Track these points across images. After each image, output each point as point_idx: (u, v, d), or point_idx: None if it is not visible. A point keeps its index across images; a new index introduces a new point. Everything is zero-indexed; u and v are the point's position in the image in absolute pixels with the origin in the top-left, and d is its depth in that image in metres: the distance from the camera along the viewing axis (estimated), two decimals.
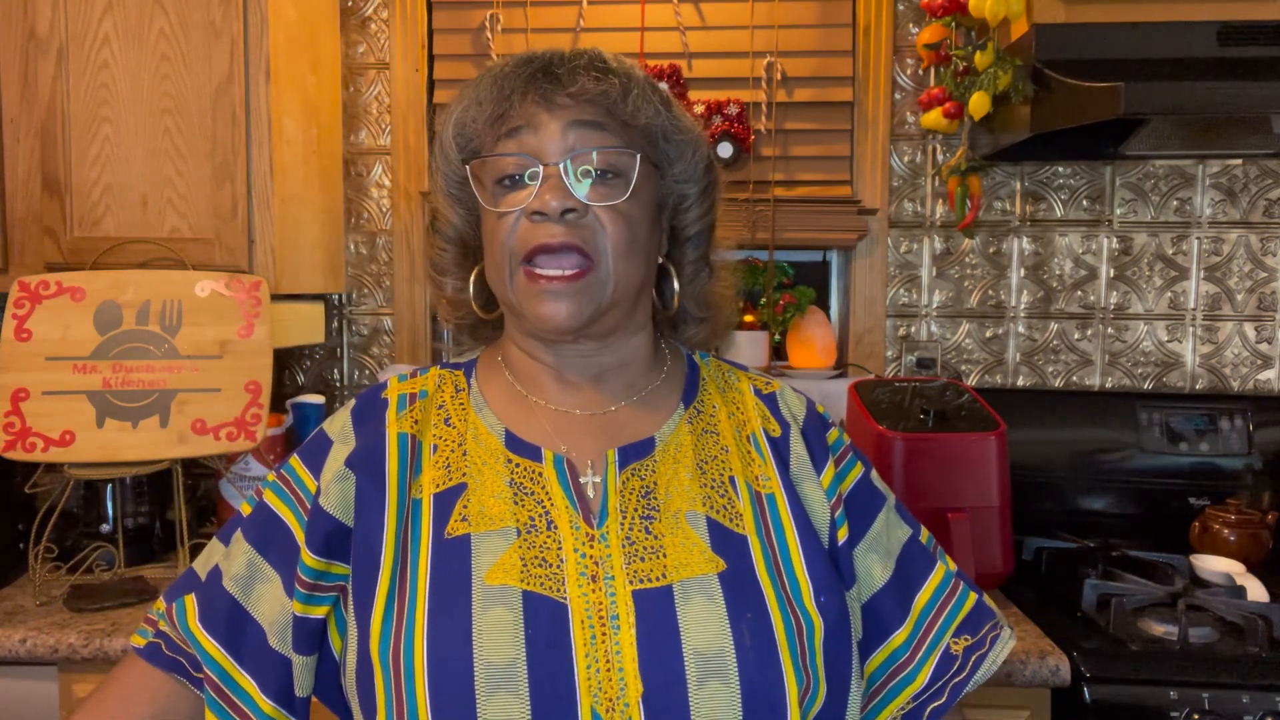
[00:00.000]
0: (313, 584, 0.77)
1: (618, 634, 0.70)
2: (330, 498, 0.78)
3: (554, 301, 0.76)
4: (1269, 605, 1.37)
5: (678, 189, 0.84)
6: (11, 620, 1.39)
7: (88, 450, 1.47)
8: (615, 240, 0.76)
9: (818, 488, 0.82)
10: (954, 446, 1.51)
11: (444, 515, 0.76)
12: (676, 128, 0.82)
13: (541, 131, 0.76)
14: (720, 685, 0.69)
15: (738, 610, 0.71)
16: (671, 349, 0.90)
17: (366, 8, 1.95)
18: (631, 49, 1.91)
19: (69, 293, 1.52)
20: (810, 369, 1.93)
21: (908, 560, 0.84)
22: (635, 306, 0.82)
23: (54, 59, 1.58)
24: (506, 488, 0.77)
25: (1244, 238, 1.91)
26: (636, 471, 0.78)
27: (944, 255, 1.95)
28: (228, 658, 0.79)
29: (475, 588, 0.71)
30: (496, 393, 0.84)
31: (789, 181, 1.93)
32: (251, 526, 0.82)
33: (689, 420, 0.83)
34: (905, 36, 1.91)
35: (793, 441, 0.84)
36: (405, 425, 0.81)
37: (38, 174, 1.61)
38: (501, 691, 0.68)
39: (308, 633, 0.78)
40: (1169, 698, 1.24)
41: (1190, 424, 1.81)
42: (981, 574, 1.48)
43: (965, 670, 0.82)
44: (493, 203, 0.78)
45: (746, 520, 0.77)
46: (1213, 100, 1.39)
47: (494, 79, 0.78)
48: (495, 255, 0.78)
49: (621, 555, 0.74)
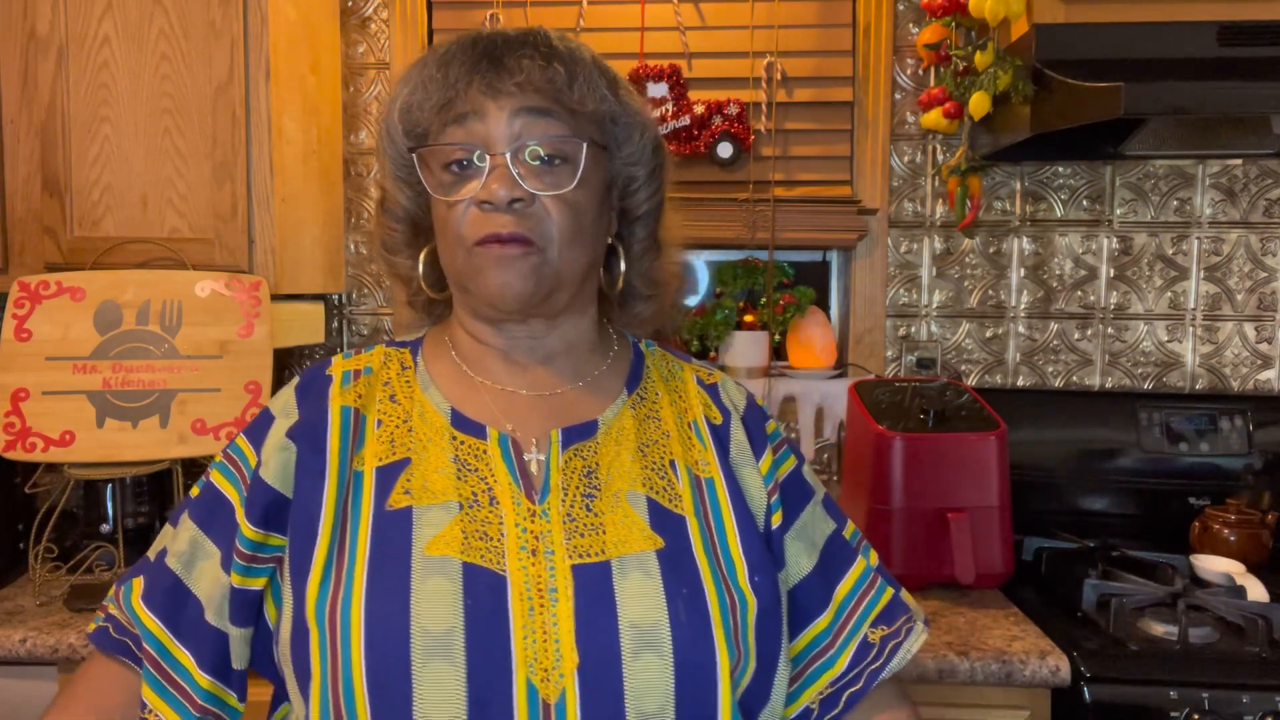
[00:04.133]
0: (250, 555, 0.78)
1: (555, 607, 0.72)
2: (270, 468, 0.79)
3: (502, 271, 0.77)
4: (1269, 605, 1.37)
5: (626, 170, 0.85)
6: (11, 620, 1.39)
7: (88, 450, 1.47)
8: (562, 228, 0.78)
9: (756, 473, 0.84)
10: (954, 446, 1.51)
11: (386, 488, 0.77)
12: (624, 110, 0.83)
13: (488, 119, 0.77)
14: (654, 657, 0.70)
15: (674, 586, 0.73)
16: (619, 336, 0.91)
17: (366, 8, 1.95)
18: (631, 49, 1.91)
19: (69, 293, 1.52)
20: (810, 369, 1.93)
21: (831, 552, 0.87)
22: (583, 288, 0.83)
23: (54, 59, 1.58)
24: (450, 464, 0.78)
25: (1244, 238, 1.91)
26: (579, 451, 0.80)
27: (944, 255, 1.95)
28: (166, 633, 0.80)
29: (415, 558, 0.73)
30: (444, 372, 0.85)
31: (789, 181, 1.93)
32: (197, 505, 0.83)
33: (632, 405, 0.85)
34: (905, 36, 1.91)
35: (733, 429, 0.86)
36: (349, 399, 0.82)
37: (38, 174, 1.61)
38: (437, 659, 0.69)
39: (244, 605, 0.79)
40: (1169, 698, 1.24)
41: (1190, 424, 1.81)
42: (981, 574, 1.48)
43: (881, 658, 0.84)
44: (441, 191, 0.79)
45: (685, 502, 0.79)
46: (1213, 100, 1.39)
47: (439, 63, 0.79)
48: (447, 241, 0.79)
49: (562, 531, 0.75)
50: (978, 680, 1.27)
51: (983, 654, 1.28)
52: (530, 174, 0.77)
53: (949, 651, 1.28)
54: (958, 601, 1.48)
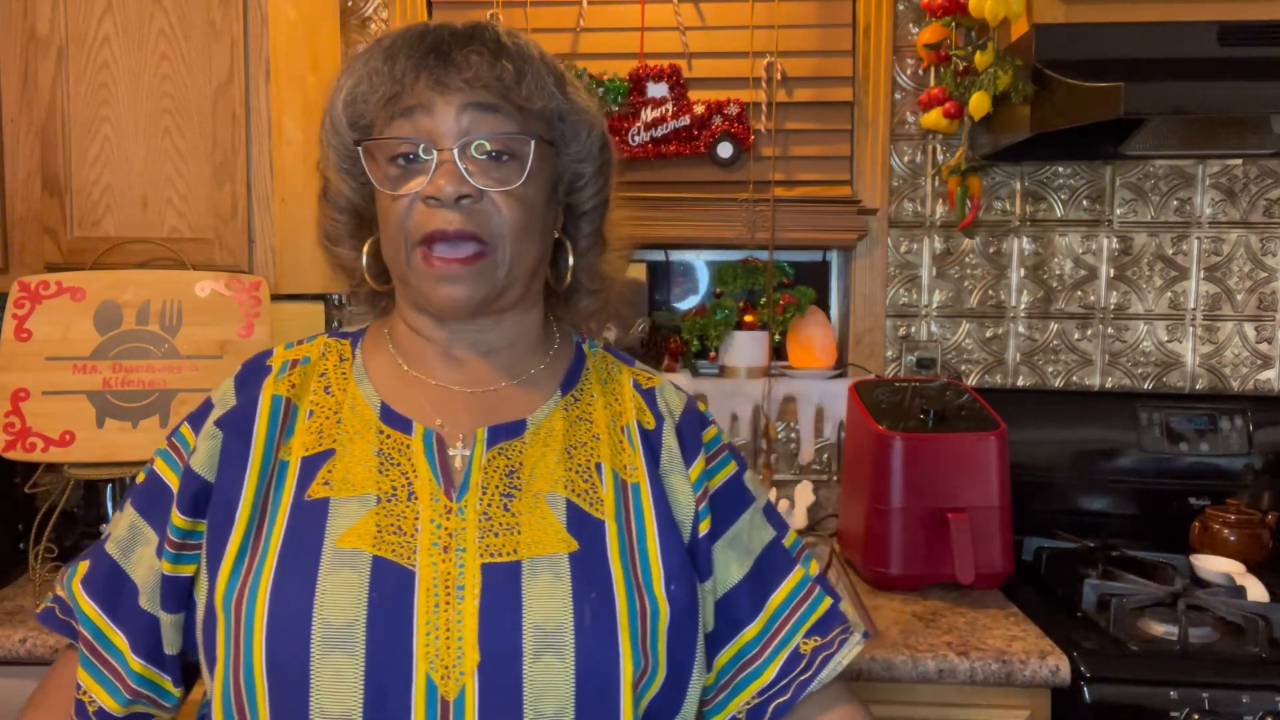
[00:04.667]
0: (180, 543, 0.79)
1: (461, 604, 0.72)
2: (199, 456, 0.80)
3: (451, 285, 0.76)
4: (1269, 605, 1.37)
5: (574, 167, 0.85)
6: (11, 620, 1.39)
7: (88, 450, 1.47)
8: (511, 224, 0.77)
9: (685, 480, 0.84)
10: (954, 446, 1.51)
11: (308, 478, 0.77)
12: (572, 108, 0.83)
13: (436, 114, 0.76)
14: (555, 659, 0.71)
15: (583, 590, 0.73)
16: (563, 334, 0.91)
17: (366, 8, 1.95)
18: (631, 49, 1.91)
19: (69, 293, 1.52)
20: (810, 369, 1.93)
21: (767, 561, 0.86)
22: (530, 283, 0.83)
23: (54, 59, 1.58)
24: (374, 457, 0.78)
25: (1244, 238, 1.91)
26: (504, 450, 0.80)
27: (944, 255, 1.95)
28: (102, 615, 0.81)
29: (326, 549, 0.73)
30: (380, 365, 0.85)
31: (789, 181, 1.93)
32: (139, 492, 0.84)
33: (564, 407, 0.84)
34: (905, 36, 1.91)
35: (665, 435, 0.86)
36: (281, 388, 0.83)
37: (38, 174, 1.61)
38: (337, 651, 0.69)
39: (176, 591, 0.79)
40: (1169, 698, 1.24)
41: (1190, 424, 1.81)
42: (981, 574, 1.48)
43: (811, 669, 0.84)
44: (387, 184, 0.78)
45: (607, 506, 0.79)
46: (1213, 100, 1.39)
47: (385, 55, 0.78)
48: (391, 235, 0.79)
49: (476, 529, 0.75)
50: (978, 680, 1.27)
51: (983, 654, 1.28)
52: (478, 170, 0.76)
53: (949, 651, 1.28)
54: (958, 601, 1.48)
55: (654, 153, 1.90)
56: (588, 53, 1.93)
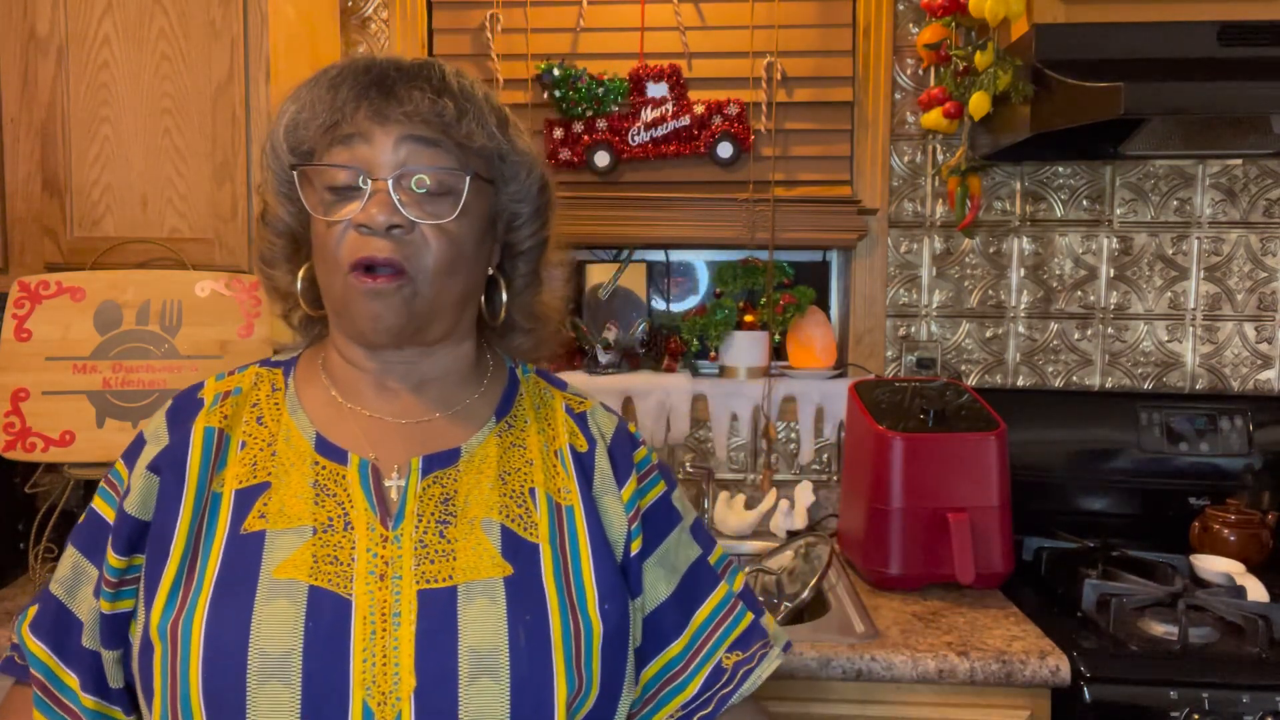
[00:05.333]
0: (117, 581, 0.80)
1: (398, 631, 0.72)
2: (133, 498, 0.81)
3: (374, 301, 0.77)
4: (1269, 605, 1.37)
5: (512, 206, 0.86)
6: (12, 620, 1.39)
7: (88, 450, 1.47)
8: (438, 258, 0.78)
9: (618, 501, 0.85)
10: (954, 446, 1.52)
11: (243, 511, 0.78)
12: (513, 149, 0.83)
13: (374, 144, 0.77)
14: (491, 682, 0.71)
15: (518, 613, 0.74)
16: (496, 360, 0.92)
17: (366, 8, 1.95)
18: (631, 49, 1.91)
19: (69, 293, 1.52)
20: (810, 369, 1.93)
21: (692, 578, 0.88)
22: (460, 317, 0.84)
23: (54, 59, 1.58)
24: (310, 489, 0.79)
25: (1244, 238, 1.91)
26: (439, 479, 0.80)
27: (944, 255, 1.95)
28: (52, 657, 0.82)
29: (262, 580, 0.73)
30: (313, 396, 0.85)
31: (789, 181, 1.93)
32: (80, 531, 0.85)
33: (499, 434, 0.85)
34: (905, 36, 1.91)
35: (598, 457, 0.86)
36: (214, 420, 0.83)
37: (38, 174, 1.61)
38: (273, 681, 0.70)
39: (116, 627, 0.80)
40: (1169, 698, 1.24)
41: (1190, 424, 1.81)
42: (981, 574, 1.48)
43: (733, 683, 0.86)
44: (321, 210, 0.78)
45: (542, 530, 0.80)
46: (1213, 100, 1.39)
47: (330, 83, 0.79)
48: (324, 260, 0.79)
49: (413, 557, 0.76)
50: (978, 680, 1.27)
51: (983, 654, 1.28)
52: (412, 202, 0.77)
53: (949, 651, 1.28)
54: (958, 601, 1.48)
55: (654, 153, 1.90)
56: (588, 53, 1.93)
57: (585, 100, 1.88)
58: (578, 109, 1.89)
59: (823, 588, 1.55)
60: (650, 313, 2.01)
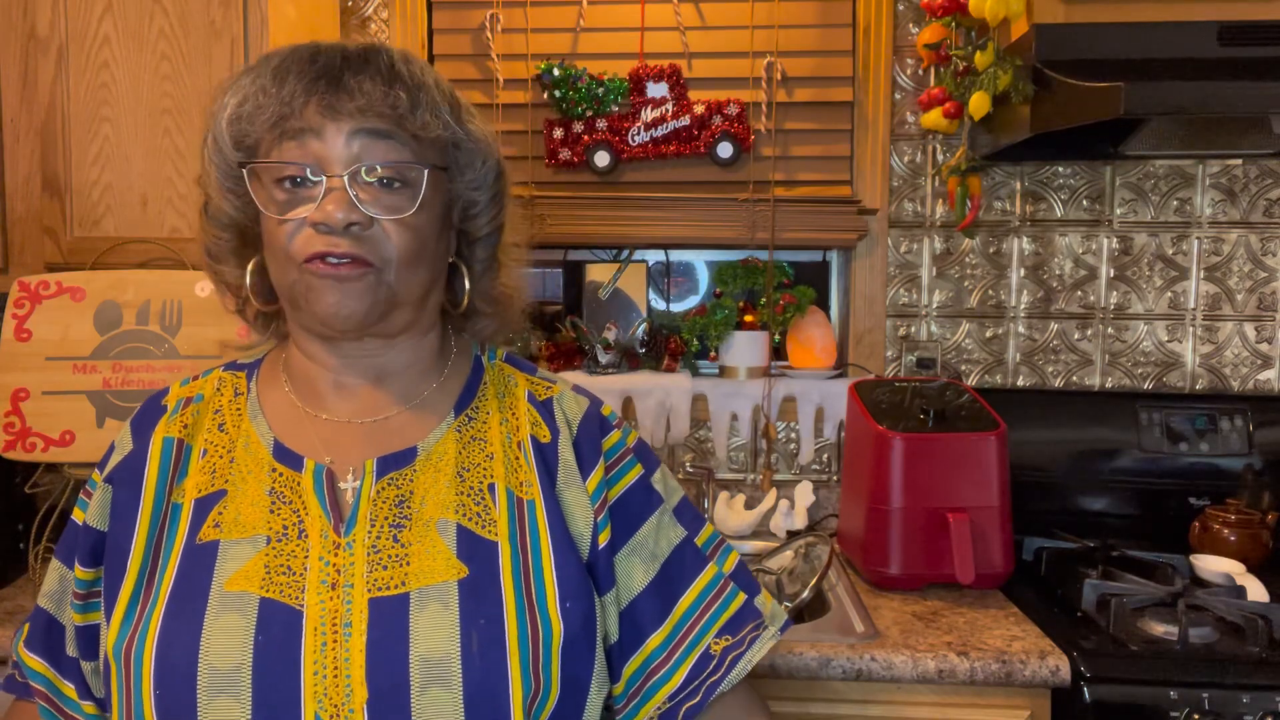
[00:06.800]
0: (86, 594, 0.80)
1: (349, 640, 0.71)
2: (92, 509, 0.81)
3: (337, 294, 0.74)
4: (1269, 605, 1.37)
5: (468, 194, 0.84)
6: (12, 620, 1.39)
7: (88, 450, 1.47)
8: (402, 251, 0.76)
9: (582, 493, 0.82)
10: (954, 446, 1.51)
11: (200, 521, 0.77)
12: (468, 136, 0.81)
13: (326, 138, 0.74)
14: (442, 691, 0.70)
15: (471, 617, 0.72)
16: (460, 348, 0.89)
17: (366, 8, 1.95)
18: (631, 49, 1.91)
19: (69, 293, 1.52)
20: (810, 369, 1.93)
21: (675, 563, 0.85)
22: (424, 306, 0.82)
23: (54, 59, 1.58)
24: (265, 496, 0.77)
25: (1244, 238, 1.91)
26: (394, 481, 0.78)
27: (944, 255, 1.95)
28: (50, 669, 0.83)
29: (214, 593, 0.72)
30: (274, 400, 0.84)
31: (789, 181, 1.93)
32: (63, 543, 0.85)
33: (458, 429, 0.83)
34: (905, 36, 1.91)
35: (561, 448, 0.84)
36: (174, 430, 0.82)
37: (38, 174, 1.61)
38: (224, 696, 0.69)
39: (90, 638, 0.81)
40: (1169, 698, 1.24)
41: (1190, 424, 1.81)
42: (981, 574, 1.48)
43: (721, 670, 0.83)
44: (274, 208, 0.75)
45: (501, 527, 0.78)
46: (1213, 100, 1.39)
47: (273, 75, 0.75)
48: (276, 257, 0.76)
49: (365, 564, 0.74)
50: (978, 680, 1.27)
51: (983, 654, 1.28)
52: (369, 196, 0.74)
53: (949, 651, 1.28)
54: (958, 601, 1.48)
55: (654, 153, 1.90)
56: (588, 53, 1.93)
57: (585, 100, 1.89)
58: (578, 109, 1.89)
59: (823, 588, 1.55)
60: (650, 313, 2.01)
